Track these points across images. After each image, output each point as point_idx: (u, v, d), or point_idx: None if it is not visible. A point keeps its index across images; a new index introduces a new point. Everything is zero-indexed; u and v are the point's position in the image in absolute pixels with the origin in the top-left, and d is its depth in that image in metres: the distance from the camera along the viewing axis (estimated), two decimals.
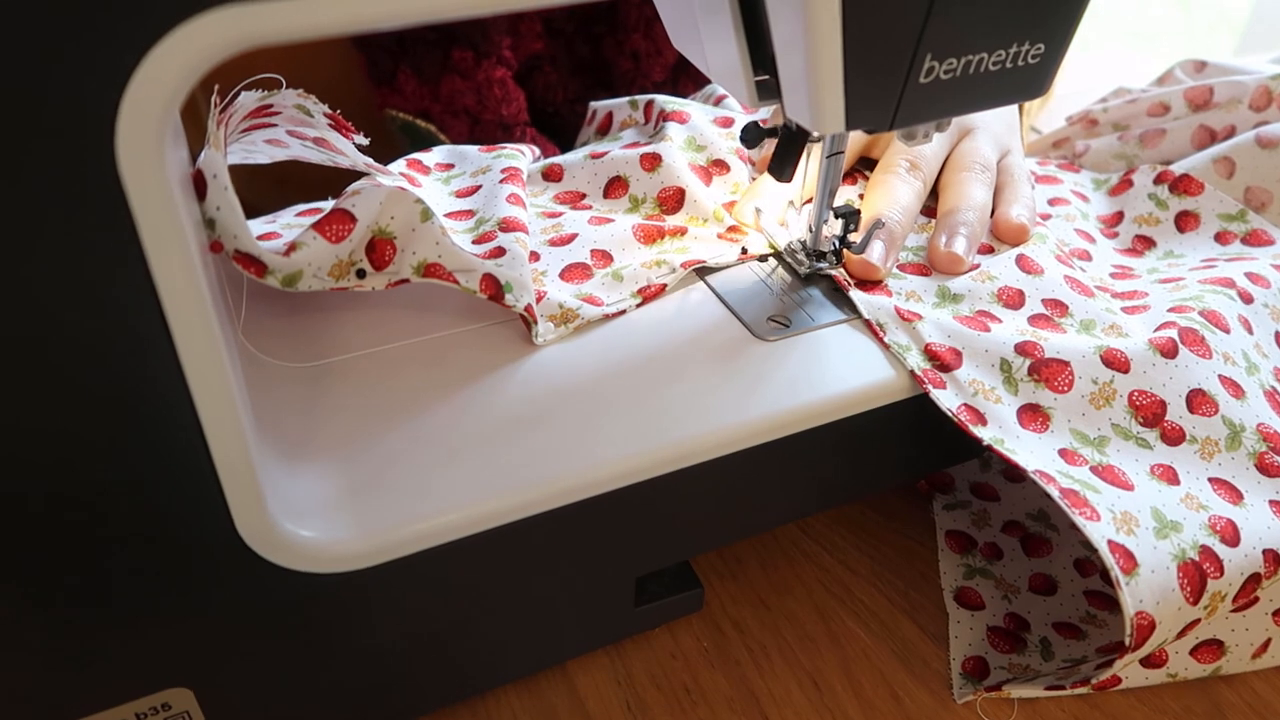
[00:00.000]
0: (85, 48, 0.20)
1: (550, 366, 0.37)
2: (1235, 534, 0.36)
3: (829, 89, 0.30)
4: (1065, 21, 0.33)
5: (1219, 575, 0.35)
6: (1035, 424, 0.38)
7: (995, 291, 0.42)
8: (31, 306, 0.23)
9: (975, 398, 0.38)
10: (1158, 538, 0.35)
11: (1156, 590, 0.34)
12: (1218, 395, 0.39)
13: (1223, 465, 0.38)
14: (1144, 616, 0.34)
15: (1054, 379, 0.38)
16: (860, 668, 0.40)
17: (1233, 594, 0.36)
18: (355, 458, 0.33)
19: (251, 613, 0.31)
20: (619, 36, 0.64)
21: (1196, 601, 0.34)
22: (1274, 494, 0.38)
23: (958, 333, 0.39)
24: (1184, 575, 0.34)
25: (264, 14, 0.21)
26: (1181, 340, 0.40)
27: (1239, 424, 0.39)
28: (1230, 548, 0.35)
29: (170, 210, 0.23)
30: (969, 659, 0.40)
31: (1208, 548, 0.35)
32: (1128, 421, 0.39)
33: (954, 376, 0.38)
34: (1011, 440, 0.37)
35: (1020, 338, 0.39)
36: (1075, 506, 0.35)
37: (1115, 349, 0.39)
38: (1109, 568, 0.34)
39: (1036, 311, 0.41)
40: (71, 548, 0.27)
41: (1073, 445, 0.38)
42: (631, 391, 0.36)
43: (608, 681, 0.39)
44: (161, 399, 0.25)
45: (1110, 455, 0.38)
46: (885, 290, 0.42)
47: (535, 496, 0.32)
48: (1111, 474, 0.37)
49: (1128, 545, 0.34)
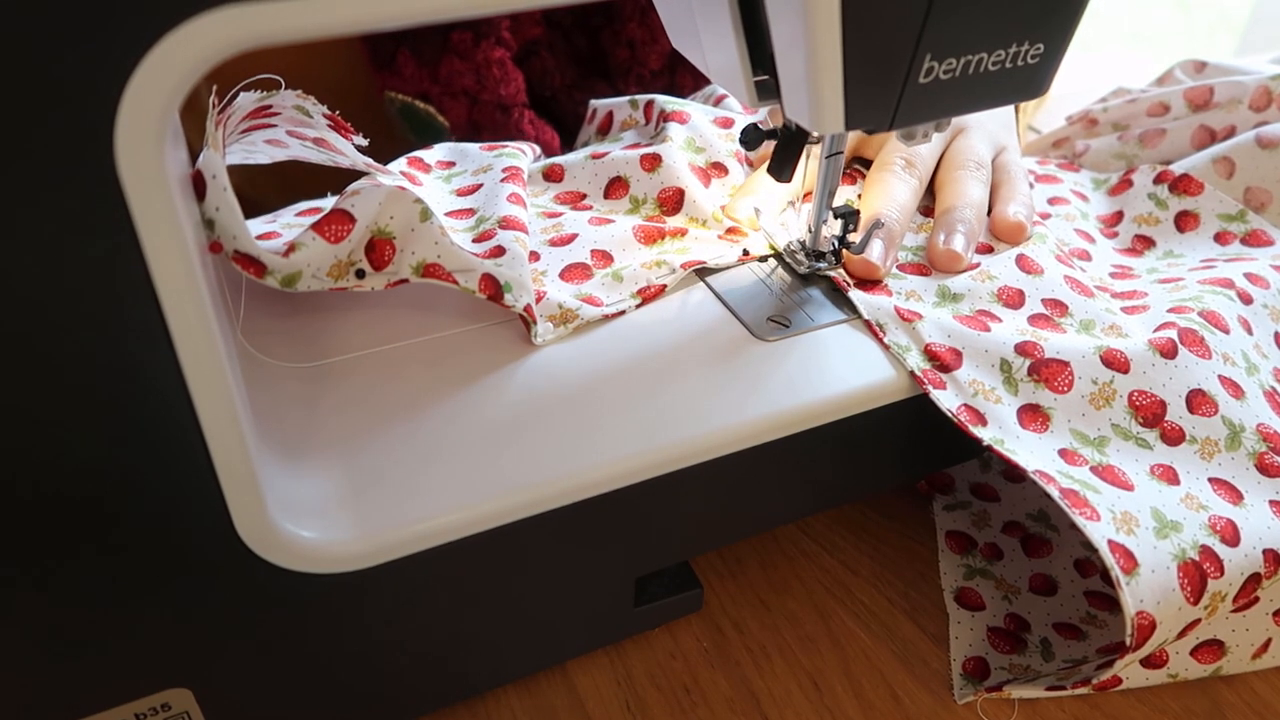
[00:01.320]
0: (85, 48, 0.20)
1: (550, 367, 0.37)
2: (1235, 534, 0.36)
3: (829, 89, 0.30)
4: (1065, 22, 0.33)
5: (1219, 575, 0.35)
6: (1035, 424, 0.38)
7: (995, 291, 0.42)
8: (30, 307, 0.23)
9: (975, 398, 0.38)
10: (1158, 537, 0.35)
11: (1157, 590, 0.34)
12: (1217, 395, 0.39)
13: (1223, 465, 0.38)
14: (1145, 616, 0.34)
15: (1054, 379, 0.38)
16: (860, 668, 0.40)
17: (1233, 594, 0.36)
18: (355, 458, 0.33)
19: (251, 613, 0.31)
20: (615, 27, 0.65)
21: (1197, 601, 0.34)
22: (1274, 494, 0.38)
23: (958, 332, 0.39)
24: (1184, 575, 0.34)
25: (264, 14, 0.21)
26: (1181, 341, 0.39)
27: (1239, 424, 0.39)
28: (1230, 547, 0.35)
29: (169, 211, 0.23)
30: (969, 659, 0.40)
31: (1208, 547, 0.35)
32: (1128, 422, 0.38)
33: (954, 377, 0.38)
34: (1011, 440, 0.37)
35: (1020, 338, 0.39)
36: (1075, 506, 0.35)
37: (1115, 349, 0.39)
38: (1109, 568, 0.34)
39: (1036, 311, 0.41)
40: (71, 548, 0.27)
41: (1073, 445, 0.38)
42: (631, 392, 0.36)
43: (608, 681, 0.39)
44: (161, 400, 0.25)
45: (1110, 455, 0.38)
46: (885, 290, 0.42)
47: (535, 497, 0.32)
48: (1111, 474, 0.37)
49: (1128, 545, 0.34)
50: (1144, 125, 0.61)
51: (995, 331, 0.39)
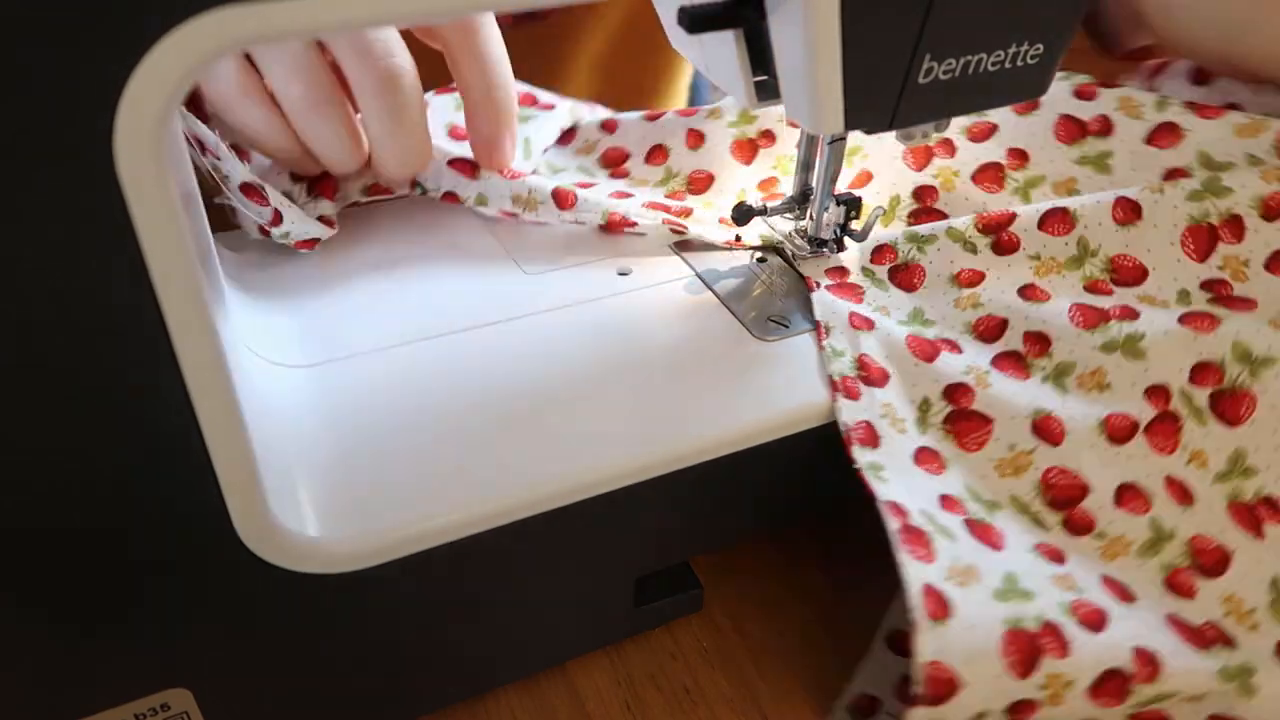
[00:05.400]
0: (83, 48, 0.20)
1: (550, 367, 0.37)
2: (1102, 622, 0.30)
3: (829, 89, 0.30)
4: (1065, 21, 0.33)
5: (1061, 655, 0.29)
6: (930, 465, 0.34)
7: (972, 322, 0.38)
8: (27, 307, 0.23)
9: (881, 419, 0.35)
10: (996, 599, 0.30)
11: (970, 647, 0.29)
12: (1155, 495, 0.33)
13: (1123, 570, 0.33)
14: (940, 669, 0.28)
15: (966, 435, 0.35)
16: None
17: (1085, 685, 0.29)
18: (355, 457, 0.33)
19: (250, 613, 0.31)
20: None
21: (1025, 675, 0.29)
22: (1174, 610, 0.32)
23: (899, 354, 0.37)
24: (1011, 642, 0.29)
25: (264, 14, 0.21)
26: (1147, 428, 0.34)
27: (1169, 530, 0.33)
28: (1088, 632, 0.29)
29: (169, 211, 0.23)
30: (864, 696, 0.36)
31: (1054, 624, 0.29)
32: (1031, 497, 0.34)
33: (872, 393, 0.35)
34: (893, 472, 0.33)
35: (960, 378, 0.35)
36: (909, 544, 0.30)
37: (1057, 418, 0.34)
38: (912, 608, 0.29)
39: (1009, 349, 0.37)
40: (69, 549, 0.27)
41: (959, 496, 0.33)
42: (631, 391, 0.36)
43: (608, 681, 0.39)
44: (160, 399, 0.25)
45: (996, 519, 0.33)
46: (856, 296, 0.41)
47: (535, 496, 0.32)
48: (986, 532, 0.32)
49: (947, 594, 0.29)
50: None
51: (939, 364, 0.36)
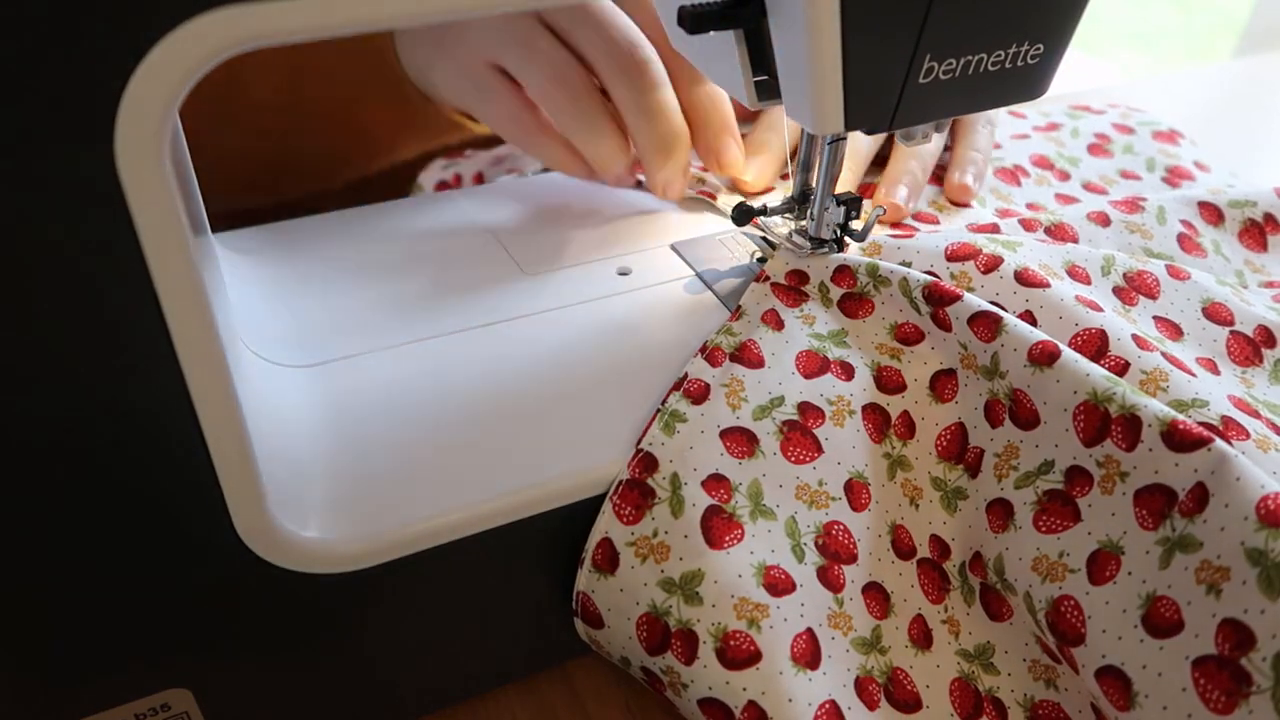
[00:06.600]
0: (84, 48, 0.20)
1: (551, 367, 0.37)
2: (749, 659, 0.30)
3: (829, 89, 0.30)
4: (1065, 21, 0.33)
5: (686, 662, 0.31)
6: (736, 446, 0.33)
7: (882, 366, 0.36)
8: (30, 307, 0.23)
9: (722, 388, 0.34)
10: (661, 586, 0.31)
11: (614, 605, 0.32)
12: (896, 613, 0.34)
13: (826, 642, 0.32)
14: (589, 601, 0.33)
15: (792, 446, 0.33)
16: None
17: (698, 697, 0.31)
18: (355, 458, 0.33)
19: (250, 613, 0.31)
20: None
21: (651, 654, 0.31)
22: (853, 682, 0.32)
23: (785, 358, 0.35)
24: (644, 622, 0.31)
25: (264, 14, 0.21)
26: (919, 562, 0.34)
27: (885, 645, 0.33)
28: (724, 658, 0.30)
29: (169, 211, 0.23)
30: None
31: (692, 634, 0.31)
32: (807, 530, 0.33)
33: (732, 367, 0.35)
34: (688, 430, 0.33)
35: (821, 404, 0.34)
36: (622, 499, 0.32)
37: (869, 493, 0.34)
38: (586, 549, 0.32)
39: (885, 412, 0.36)
40: (70, 548, 0.27)
41: (737, 485, 0.32)
42: (631, 392, 0.36)
43: (608, 682, 0.39)
44: (161, 400, 0.25)
45: (752, 525, 0.32)
46: (793, 301, 0.38)
47: (536, 496, 0.32)
48: (724, 528, 0.32)
49: (621, 556, 0.32)
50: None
51: (816, 380, 0.35)
